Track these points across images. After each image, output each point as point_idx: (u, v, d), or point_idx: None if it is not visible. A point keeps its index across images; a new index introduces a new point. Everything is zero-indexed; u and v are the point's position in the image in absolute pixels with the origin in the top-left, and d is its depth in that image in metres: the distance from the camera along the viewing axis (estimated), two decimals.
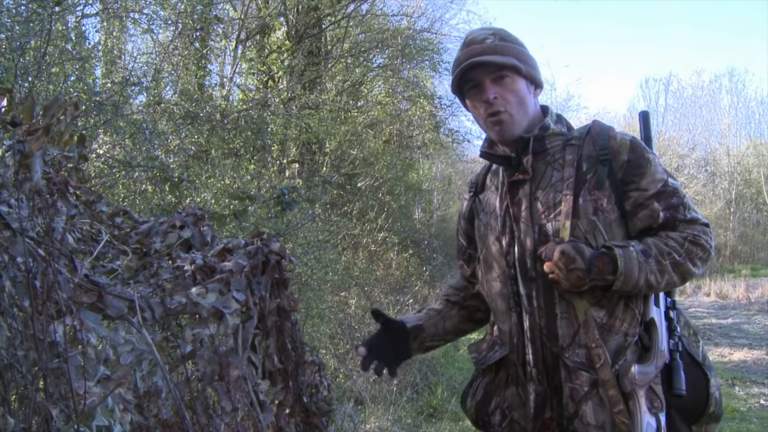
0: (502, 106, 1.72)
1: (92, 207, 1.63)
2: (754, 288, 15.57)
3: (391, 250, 10.21)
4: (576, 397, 1.63)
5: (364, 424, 4.84)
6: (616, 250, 1.60)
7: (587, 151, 1.73)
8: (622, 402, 1.59)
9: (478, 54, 1.72)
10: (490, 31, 1.77)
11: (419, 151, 11.59)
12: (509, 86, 1.73)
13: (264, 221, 4.54)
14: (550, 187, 1.71)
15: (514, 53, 1.74)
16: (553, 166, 1.74)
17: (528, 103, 1.76)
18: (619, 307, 1.67)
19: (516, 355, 1.75)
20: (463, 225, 1.99)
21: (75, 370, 1.10)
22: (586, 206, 1.66)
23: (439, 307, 2.04)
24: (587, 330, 1.64)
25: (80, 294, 1.19)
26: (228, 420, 1.38)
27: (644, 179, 1.69)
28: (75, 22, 4.44)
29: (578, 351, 1.64)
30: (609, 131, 1.74)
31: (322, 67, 8.91)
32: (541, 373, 1.69)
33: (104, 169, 3.91)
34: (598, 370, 1.62)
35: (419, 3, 11.17)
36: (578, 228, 1.65)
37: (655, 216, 1.68)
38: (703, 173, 29.67)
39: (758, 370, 7.83)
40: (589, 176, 1.70)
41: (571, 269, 1.58)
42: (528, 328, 1.70)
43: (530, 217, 1.71)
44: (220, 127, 5.81)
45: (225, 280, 1.44)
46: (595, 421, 1.60)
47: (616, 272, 1.59)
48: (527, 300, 1.70)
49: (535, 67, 1.79)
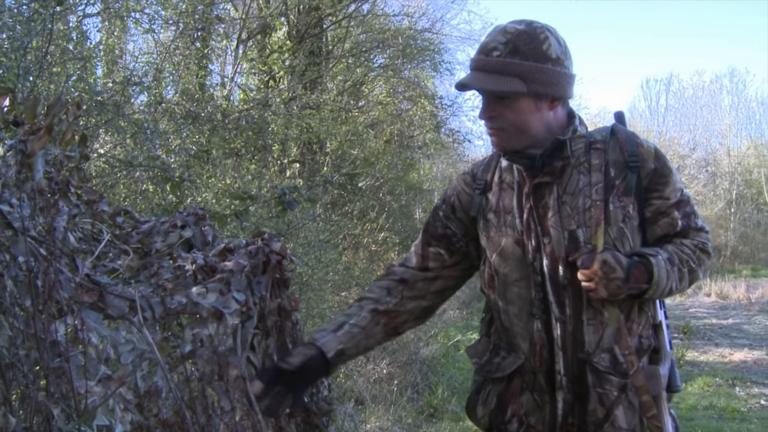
0: (497, 124, 1.66)
1: (93, 206, 1.63)
2: (754, 288, 15.58)
3: (391, 250, 10.20)
4: (606, 402, 1.63)
5: (364, 424, 4.84)
6: (651, 259, 1.62)
7: (614, 156, 1.70)
8: (654, 406, 1.62)
9: (479, 69, 1.64)
10: (506, 38, 1.62)
11: (420, 151, 11.58)
12: (509, 106, 1.64)
13: (265, 221, 4.55)
14: (579, 192, 1.67)
15: (520, 72, 1.61)
16: (578, 170, 1.70)
17: (531, 123, 1.66)
18: (634, 311, 1.70)
19: (538, 362, 1.71)
20: (461, 217, 1.86)
21: (76, 369, 1.10)
22: (616, 213, 1.66)
23: (363, 323, 1.80)
24: (620, 337, 1.64)
25: (81, 293, 1.19)
26: (227, 419, 1.38)
27: (667, 188, 1.70)
28: (76, 21, 4.45)
29: (603, 356, 1.65)
30: (636, 137, 1.73)
31: (323, 67, 8.91)
32: (571, 380, 1.68)
33: (105, 169, 3.92)
34: (632, 377, 1.63)
35: (420, 3, 11.17)
36: (608, 235, 1.65)
37: (674, 224, 1.71)
38: (703, 173, 29.68)
39: (759, 371, 7.83)
40: (618, 182, 1.68)
41: (611, 279, 1.58)
42: (559, 336, 1.67)
43: (559, 223, 1.67)
44: (221, 126, 5.82)
45: (225, 280, 1.44)
46: (627, 425, 1.62)
47: (650, 281, 1.61)
48: (558, 308, 1.67)
49: (551, 82, 1.64)
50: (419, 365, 6.40)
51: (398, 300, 1.85)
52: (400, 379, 5.95)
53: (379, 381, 5.82)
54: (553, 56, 1.63)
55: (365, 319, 1.81)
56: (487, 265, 1.82)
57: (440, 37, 10.84)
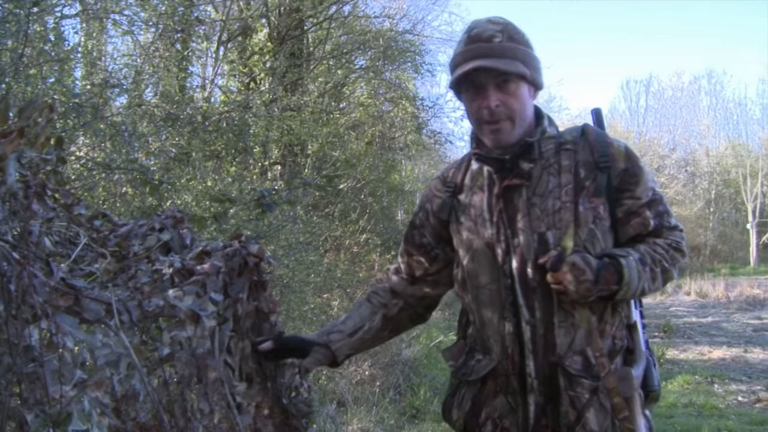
0: (503, 114, 1.65)
1: (70, 210, 1.62)
2: (733, 287, 15.81)
3: (373, 252, 10.20)
4: (578, 405, 1.63)
5: (346, 425, 4.84)
6: (621, 260, 1.61)
7: (584, 156, 1.70)
8: (627, 408, 1.61)
9: (483, 55, 1.62)
10: (499, 27, 1.64)
11: (401, 153, 11.58)
12: (513, 92, 1.64)
13: (245, 223, 4.53)
14: (548, 194, 1.67)
15: (521, 56, 1.64)
16: (548, 171, 1.69)
17: (529, 110, 1.70)
18: (607, 312, 1.69)
19: (510, 365, 1.71)
20: (433, 222, 1.88)
21: (51, 374, 1.09)
22: (586, 214, 1.65)
23: (375, 329, 1.91)
24: (591, 339, 1.64)
25: (56, 297, 1.18)
26: (206, 422, 1.38)
27: (639, 188, 1.70)
28: (54, 23, 4.40)
29: (575, 358, 1.65)
30: (606, 137, 1.73)
31: (304, 69, 8.89)
32: (542, 383, 1.67)
33: (83, 172, 3.89)
34: (603, 379, 1.62)
35: (401, 5, 11.18)
36: (578, 236, 1.64)
37: (646, 224, 1.71)
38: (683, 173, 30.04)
39: (737, 368, 7.94)
40: (588, 183, 1.68)
41: (581, 281, 1.57)
42: (529, 339, 1.66)
43: (529, 225, 1.66)
44: (201, 129, 5.79)
45: (201, 282, 1.44)
46: (598, 428, 1.61)
47: (620, 282, 1.60)
48: (528, 310, 1.66)
49: (539, 70, 1.70)
50: (401, 366, 6.40)
51: (402, 305, 1.95)
52: (382, 381, 5.95)
53: (361, 382, 5.82)
54: (533, 46, 1.68)
55: (377, 327, 1.92)
56: (459, 267, 1.82)
57: (421, 38, 10.86)
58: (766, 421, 5.69)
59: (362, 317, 1.91)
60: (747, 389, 6.88)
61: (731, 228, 29.44)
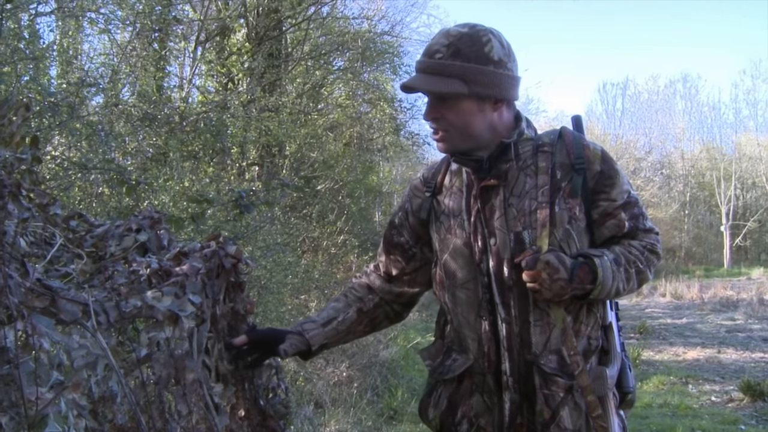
0: (442, 127, 1.70)
1: (46, 210, 1.60)
2: (707, 288, 16.04)
3: (351, 253, 10.20)
4: (552, 403, 1.64)
5: (324, 427, 4.83)
6: (595, 260, 1.63)
7: (560, 158, 1.72)
8: (600, 407, 1.63)
9: (422, 70, 1.68)
10: (448, 41, 1.65)
11: (379, 154, 11.62)
12: (452, 107, 1.67)
13: (223, 224, 4.51)
14: (525, 194, 1.69)
15: (460, 73, 1.63)
16: (525, 172, 1.72)
17: (473, 125, 1.69)
18: (582, 312, 1.71)
19: (487, 363, 1.72)
20: (412, 222, 1.91)
21: (26, 376, 1.08)
22: (562, 215, 1.68)
23: (350, 321, 1.92)
24: (566, 337, 1.65)
25: (32, 298, 1.17)
26: (184, 423, 1.37)
27: (614, 190, 1.72)
28: (28, 20, 4.35)
29: (551, 357, 1.66)
30: (582, 140, 1.75)
31: (282, 70, 8.87)
32: (517, 381, 1.69)
33: (59, 172, 3.85)
34: (577, 377, 1.64)
35: (380, 6, 11.22)
36: (554, 236, 1.66)
37: (621, 225, 1.73)
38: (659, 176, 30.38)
39: (710, 368, 8.05)
40: (564, 184, 1.70)
41: (555, 279, 1.59)
42: (504, 336, 1.68)
43: (505, 225, 1.69)
44: (178, 129, 5.76)
45: (180, 283, 1.43)
46: (572, 426, 1.63)
47: (594, 281, 1.62)
48: (504, 308, 1.68)
49: (493, 84, 1.66)
50: (379, 368, 6.41)
51: (378, 301, 1.96)
52: (359, 382, 5.95)
53: (338, 384, 5.81)
54: (495, 58, 1.65)
55: (351, 319, 1.93)
56: (438, 266, 1.84)
57: (400, 40, 10.90)
58: (738, 420, 5.78)
59: (336, 309, 1.93)
60: (720, 389, 6.97)
61: (705, 230, 29.83)
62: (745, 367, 7.90)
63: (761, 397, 6.28)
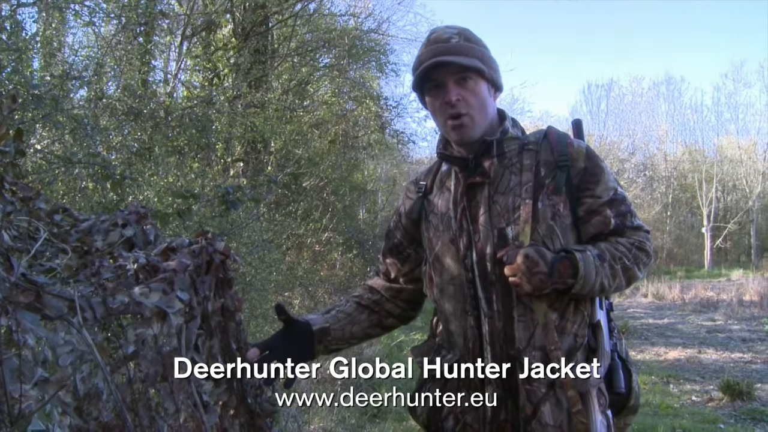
0: (464, 109, 1.72)
1: (30, 204, 1.58)
2: (688, 289, 16.18)
3: (335, 251, 10.19)
4: (533, 398, 1.65)
5: (308, 425, 4.82)
6: (576, 254, 1.64)
7: (545, 156, 1.75)
8: (580, 402, 1.63)
9: (442, 53, 1.70)
10: (455, 30, 1.75)
11: (364, 152, 11.61)
12: (472, 89, 1.72)
13: (208, 220, 4.48)
14: (509, 191, 1.72)
15: (479, 55, 1.73)
16: (510, 170, 1.74)
17: (489, 107, 1.76)
18: (569, 310, 1.71)
19: (471, 358, 1.73)
20: (405, 223, 1.96)
21: (10, 372, 1.06)
22: (545, 211, 1.69)
23: (349, 310, 1.96)
24: (547, 332, 1.66)
25: (17, 294, 1.15)
26: (171, 421, 1.35)
27: (599, 187, 1.73)
28: (10, 11, 4.29)
29: (534, 353, 1.66)
30: (566, 138, 1.78)
31: (269, 66, 8.83)
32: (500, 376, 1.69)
33: (43, 165, 3.80)
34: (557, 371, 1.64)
35: (367, 4, 11.21)
36: (537, 232, 1.67)
37: (607, 222, 1.73)
38: (642, 177, 30.60)
39: (691, 368, 8.12)
40: (548, 181, 1.72)
41: (534, 273, 1.60)
42: (487, 332, 1.69)
43: (489, 221, 1.71)
44: (163, 124, 5.71)
45: (168, 280, 1.41)
46: (553, 422, 1.63)
47: (576, 276, 1.62)
48: (486, 304, 1.70)
49: (497, 71, 1.78)
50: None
51: (378, 298, 2.00)
52: (343, 380, 5.93)
53: (322, 382, 5.79)
54: (490, 50, 1.78)
55: (350, 308, 1.97)
56: (427, 265, 1.87)
57: (386, 38, 10.89)
58: (718, 419, 5.84)
59: (334, 305, 2.01)
60: (700, 389, 7.04)
61: (687, 232, 30.10)
62: (724, 367, 7.98)
63: (740, 396, 6.35)
